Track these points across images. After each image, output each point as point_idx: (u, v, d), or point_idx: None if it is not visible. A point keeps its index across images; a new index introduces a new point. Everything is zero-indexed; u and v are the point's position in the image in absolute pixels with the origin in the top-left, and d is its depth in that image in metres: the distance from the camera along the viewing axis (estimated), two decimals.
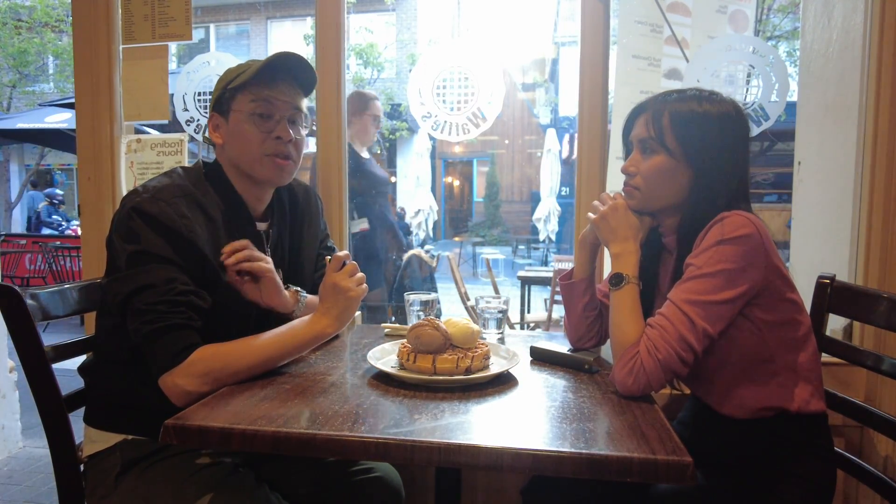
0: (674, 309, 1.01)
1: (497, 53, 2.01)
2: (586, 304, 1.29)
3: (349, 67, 12.01)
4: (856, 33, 1.62)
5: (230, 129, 1.20)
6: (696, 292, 1.00)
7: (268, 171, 1.21)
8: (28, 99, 12.15)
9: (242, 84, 1.18)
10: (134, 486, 1.10)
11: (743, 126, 1.13)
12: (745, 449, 1.09)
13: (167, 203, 1.07)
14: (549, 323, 4.29)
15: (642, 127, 1.14)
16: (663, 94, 1.16)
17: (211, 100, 1.25)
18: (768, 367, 1.06)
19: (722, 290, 1.00)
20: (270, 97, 1.19)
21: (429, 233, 7.59)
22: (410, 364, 1.07)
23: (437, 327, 1.09)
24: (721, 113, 1.10)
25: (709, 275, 1.00)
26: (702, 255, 1.02)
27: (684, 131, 1.10)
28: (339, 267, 1.15)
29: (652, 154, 1.13)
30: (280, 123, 1.20)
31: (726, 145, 1.10)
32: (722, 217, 1.03)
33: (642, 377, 0.99)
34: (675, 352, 0.98)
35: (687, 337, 0.99)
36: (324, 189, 1.82)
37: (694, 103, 1.11)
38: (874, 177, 1.55)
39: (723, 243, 1.00)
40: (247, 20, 14.54)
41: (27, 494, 2.38)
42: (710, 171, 1.09)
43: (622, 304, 1.08)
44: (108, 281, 1.10)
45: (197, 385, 1.01)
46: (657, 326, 1.01)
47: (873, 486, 1.15)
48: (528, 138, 16.82)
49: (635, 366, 0.99)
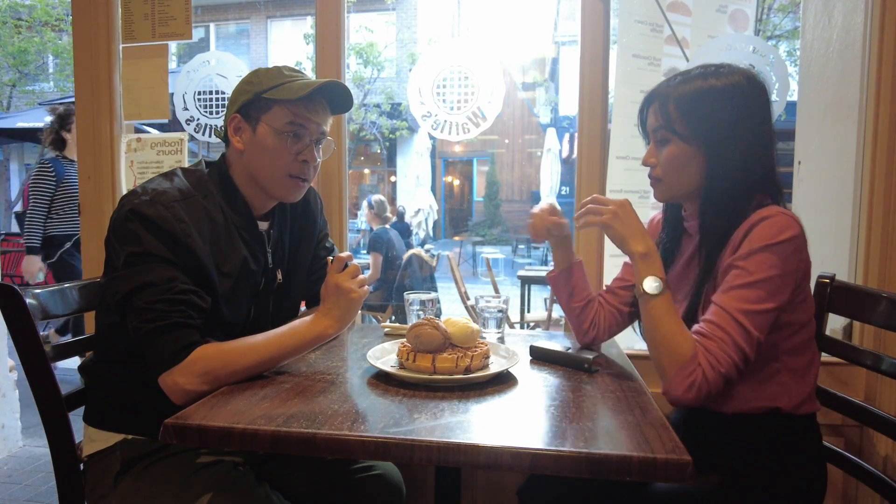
0: (729, 319, 0.98)
1: (497, 53, 2.01)
2: (570, 295, 1.31)
3: (349, 66, 12.01)
4: (856, 33, 1.62)
5: (256, 139, 1.17)
6: (750, 301, 0.97)
7: (285, 190, 1.22)
8: (28, 98, 12.13)
9: (281, 99, 1.16)
10: (133, 485, 1.10)
11: (756, 97, 1.06)
12: (737, 447, 1.09)
13: (165, 207, 1.06)
14: (548, 322, 4.29)
15: (652, 116, 1.12)
16: (670, 79, 1.12)
17: (235, 99, 1.20)
18: (772, 367, 1.05)
19: (773, 298, 0.98)
20: (307, 120, 1.18)
21: (429, 232, 7.60)
22: (410, 363, 1.07)
23: (436, 326, 1.09)
24: (728, 85, 1.04)
25: (761, 282, 0.97)
26: (751, 259, 0.98)
27: (692, 113, 1.05)
28: (342, 268, 1.15)
29: (666, 143, 1.10)
30: (309, 147, 1.20)
31: (739, 120, 1.04)
32: (764, 216, 0.99)
33: (704, 389, 0.96)
34: (734, 363, 0.97)
35: (744, 348, 0.97)
36: (324, 189, 1.83)
37: (699, 81, 1.06)
38: (874, 176, 1.55)
39: (771, 248, 0.97)
40: (247, 19, 14.53)
41: (27, 493, 2.38)
42: (724, 151, 1.04)
43: (667, 315, 1.03)
44: (107, 280, 1.10)
45: (197, 384, 1.01)
46: (714, 338, 0.98)
47: (873, 486, 1.15)
48: (528, 137, 16.82)
49: (696, 380, 0.96)
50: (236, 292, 1.17)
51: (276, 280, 1.27)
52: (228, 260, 1.15)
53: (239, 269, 1.16)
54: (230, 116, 1.20)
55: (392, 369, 1.08)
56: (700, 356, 0.97)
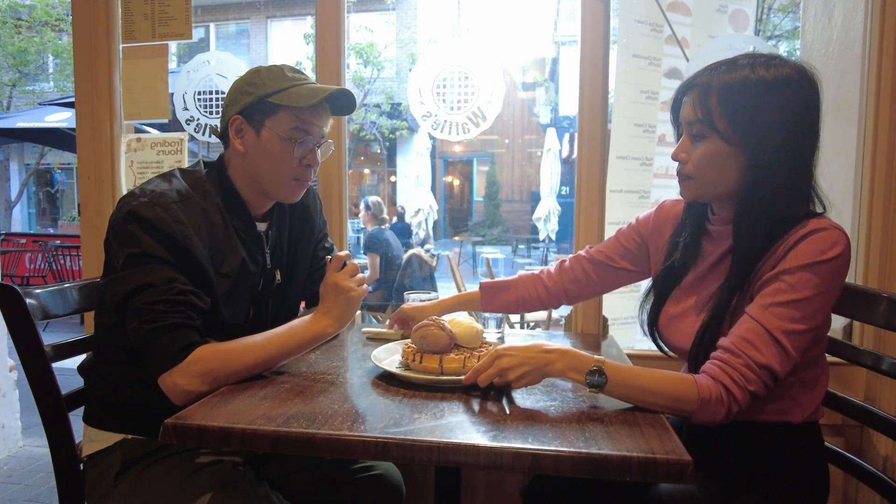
0: (768, 338, 0.92)
1: (497, 53, 2.01)
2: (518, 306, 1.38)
3: (349, 66, 12.01)
4: (856, 33, 1.62)
5: (260, 143, 1.16)
6: (793, 320, 0.92)
7: (287, 192, 1.22)
8: (28, 98, 12.14)
9: (288, 106, 1.15)
10: (133, 485, 1.10)
11: (809, 94, 0.96)
12: (739, 449, 1.08)
13: (164, 208, 1.06)
14: (549, 322, 4.29)
15: (689, 108, 1.01)
16: (711, 67, 1.01)
17: (237, 100, 1.17)
18: (787, 381, 0.99)
19: (815, 316, 0.93)
20: (311, 125, 1.18)
21: (429, 232, 7.59)
22: (417, 364, 1.07)
23: (442, 327, 1.09)
24: (779, 78, 0.95)
25: (805, 300, 0.92)
26: (797, 275, 0.92)
27: (736, 108, 0.96)
28: (340, 267, 1.15)
29: (703, 138, 1.00)
30: (312, 151, 1.20)
31: (787, 119, 0.95)
32: (813, 229, 0.94)
33: (734, 410, 0.92)
34: (764, 383, 0.92)
35: (777, 370, 0.92)
36: (324, 189, 1.83)
37: (746, 71, 0.96)
38: (874, 177, 1.55)
39: (820, 265, 0.91)
40: (247, 19, 14.53)
41: (27, 493, 2.38)
42: (769, 154, 0.95)
43: (634, 383, 0.93)
44: (106, 281, 1.09)
45: (197, 384, 1.00)
46: (745, 356, 0.91)
47: (873, 486, 1.15)
48: (528, 138, 16.81)
49: (726, 400, 0.91)
50: (235, 293, 1.17)
51: (275, 280, 1.27)
52: (227, 261, 1.15)
53: (237, 270, 1.16)
54: (230, 117, 1.18)
55: (398, 370, 1.08)
56: (726, 379, 0.91)
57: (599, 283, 1.34)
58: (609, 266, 1.31)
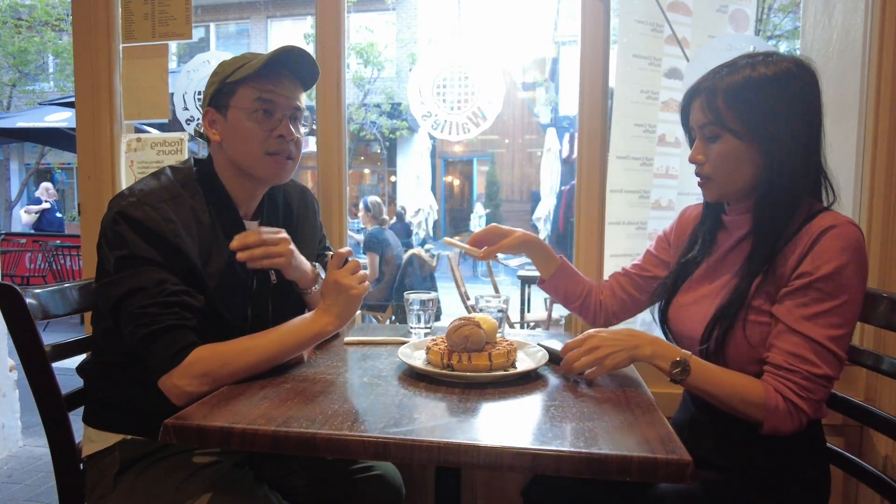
0: (819, 349, 0.95)
1: (497, 53, 2.01)
2: (565, 297, 1.36)
3: (349, 66, 12.02)
4: (856, 33, 1.62)
5: (229, 125, 1.17)
6: (836, 326, 0.96)
7: (269, 170, 1.19)
8: (28, 98, 12.15)
9: (243, 78, 1.15)
10: (133, 485, 1.10)
11: (809, 84, 1.02)
12: (741, 449, 1.08)
13: (153, 207, 1.05)
14: (549, 322, 4.29)
15: (699, 112, 1.06)
16: (713, 72, 1.06)
17: (205, 94, 1.20)
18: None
19: (854, 315, 0.98)
20: (273, 94, 1.16)
21: (429, 232, 7.59)
22: (466, 363, 1.07)
23: (479, 325, 1.11)
24: (780, 72, 1.00)
25: (844, 304, 0.95)
26: (830, 280, 0.95)
27: (744, 106, 1.00)
28: (341, 264, 1.14)
29: (715, 139, 1.04)
30: (282, 122, 1.17)
31: (792, 108, 1.00)
32: (831, 224, 0.97)
33: (804, 419, 0.96)
34: (825, 391, 0.97)
35: (833, 376, 0.96)
36: (324, 189, 1.82)
37: (747, 70, 1.01)
38: (874, 177, 1.55)
39: (849, 266, 0.95)
40: (247, 19, 14.53)
41: (27, 493, 2.38)
42: (781, 145, 1.00)
43: (713, 380, 1.00)
44: (98, 286, 1.09)
45: (196, 385, 1.00)
46: (801, 369, 0.95)
47: (873, 486, 1.15)
48: (528, 137, 16.80)
49: (793, 412, 0.95)
50: (224, 292, 1.15)
51: (269, 280, 1.26)
52: (213, 259, 1.14)
53: (224, 268, 1.15)
54: (203, 113, 1.20)
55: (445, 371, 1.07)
56: (788, 393, 0.95)
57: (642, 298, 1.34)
58: (644, 277, 1.34)
